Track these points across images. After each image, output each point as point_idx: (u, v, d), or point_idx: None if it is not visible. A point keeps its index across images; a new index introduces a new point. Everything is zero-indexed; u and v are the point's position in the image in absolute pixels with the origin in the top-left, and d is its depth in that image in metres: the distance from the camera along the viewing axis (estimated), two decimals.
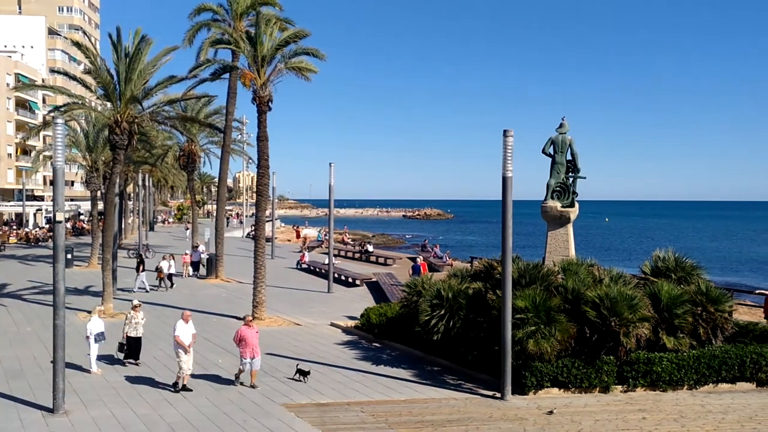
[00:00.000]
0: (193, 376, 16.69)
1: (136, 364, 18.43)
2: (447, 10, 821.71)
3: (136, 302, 19.25)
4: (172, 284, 33.44)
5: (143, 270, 32.73)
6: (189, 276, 38.07)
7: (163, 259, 34.14)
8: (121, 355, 18.63)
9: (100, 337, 17.86)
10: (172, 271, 33.72)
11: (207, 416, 14.25)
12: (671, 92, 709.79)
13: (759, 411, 15.38)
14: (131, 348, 18.58)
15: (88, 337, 17.73)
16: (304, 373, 17.20)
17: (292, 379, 17.25)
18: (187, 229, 70.17)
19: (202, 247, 42.24)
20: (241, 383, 16.71)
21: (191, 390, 16.07)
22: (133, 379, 17.12)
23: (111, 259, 27.25)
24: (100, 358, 18.19)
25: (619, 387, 16.81)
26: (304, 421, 14.06)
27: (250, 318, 17.45)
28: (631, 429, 13.89)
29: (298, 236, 76.97)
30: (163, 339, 21.88)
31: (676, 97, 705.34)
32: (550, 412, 14.83)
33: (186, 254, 40.07)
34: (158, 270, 33.21)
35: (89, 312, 26.12)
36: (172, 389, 16.16)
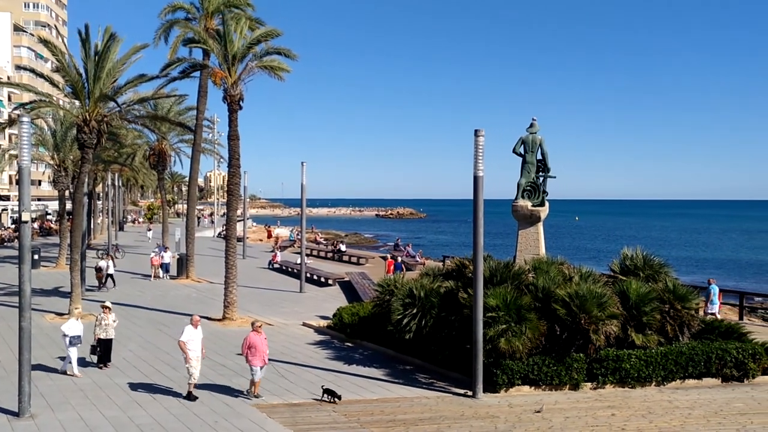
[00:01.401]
0: (162, 375, 16.51)
1: (106, 366, 18.16)
2: (418, 5, 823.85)
3: (107, 303, 18.91)
4: (114, 284, 32.80)
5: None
6: (159, 278, 37.33)
7: (101, 258, 33.64)
8: (94, 358, 18.33)
9: (75, 340, 17.44)
10: (111, 271, 32.77)
11: (177, 417, 14.12)
12: (640, 92, 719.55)
13: (724, 406, 15.67)
14: (103, 350, 18.26)
15: (65, 339, 17.43)
16: (333, 394, 15.46)
17: (320, 400, 15.56)
18: (150, 230, 68.94)
19: (169, 252, 40.21)
20: (246, 394, 15.87)
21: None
22: (101, 381, 16.88)
23: (79, 260, 26.85)
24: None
25: (589, 384, 17.01)
26: (276, 421, 14.01)
27: (259, 324, 16.26)
28: (601, 425, 14.06)
29: (269, 236, 76.38)
30: (133, 340, 21.66)
31: (644, 98, 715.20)
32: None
33: (153, 255, 38.74)
34: (97, 270, 32.44)
35: (57, 314, 25.80)
36: (187, 399, 15.46)
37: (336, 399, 15.31)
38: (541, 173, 22.34)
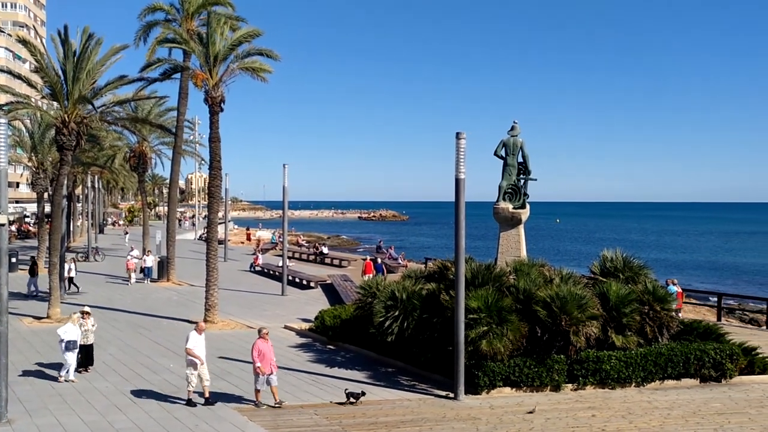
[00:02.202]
0: (142, 379, 16.37)
1: (87, 371, 17.94)
2: (400, 6, 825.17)
3: (86, 308, 18.63)
4: (77, 288, 32.33)
5: (37, 273, 31.71)
6: (135, 282, 36.20)
7: (65, 261, 33.26)
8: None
9: (72, 345, 16.94)
10: (72, 274, 32.21)
11: (158, 421, 14.01)
12: (619, 94, 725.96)
13: (702, 406, 15.85)
14: (83, 356, 17.91)
15: (60, 344, 16.97)
16: (356, 396, 15.51)
17: (342, 404, 15.51)
18: (126, 233, 67.46)
19: (151, 256, 38.46)
20: (262, 403, 15.31)
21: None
22: (81, 386, 16.70)
23: (58, 263, 26.60)
24: (53, 366, 17.72)
25: (570, 385, 17.11)
26: (257, 424, 13.95)
27: (266, 331, 15.83)
28: (581, 426, 14.15)
29: (248, 239, 75.65)
30: (112, 344, 21.47)
31: (623, 100, 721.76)
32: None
33: (129, 259, 37.18)
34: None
35: (35, 317, 25.52)
36: (186, 404, 15.16)
37: (357, 400, 15.34)
38: (522, 176, 22.47)
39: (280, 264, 36.40)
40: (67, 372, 17.07)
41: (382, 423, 14.21)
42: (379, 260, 39.50)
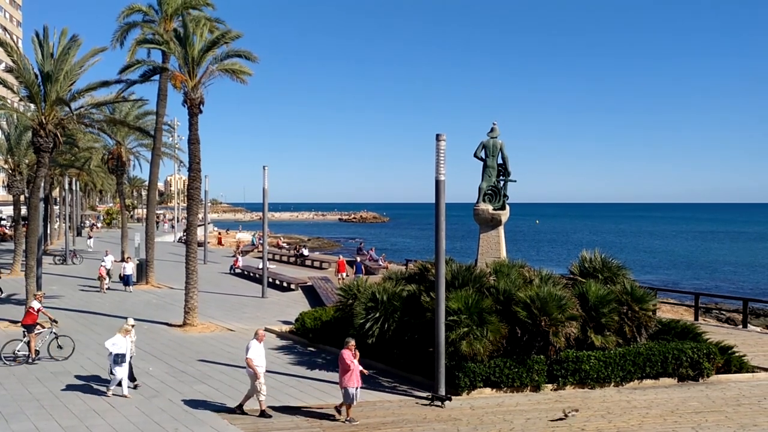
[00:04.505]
0: (120, 384, 16.18)
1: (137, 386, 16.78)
2: (383, 9, 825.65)
3: (131, 321, 17.21)
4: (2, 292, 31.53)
5: None
6: (107, 290, 33.82)
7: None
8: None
9: (120, 359, 15.71)
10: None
11: (137, 426, 13.89)
12: (598, 96, 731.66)
13: (680, 405, 16.02)
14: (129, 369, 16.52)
15: (108, 357, 15.99)
16: (441, 399, 15.41)
17: (430, 404, 15.28)
18: (90, 237, 61.97)
19: (131, 263, 35.57)
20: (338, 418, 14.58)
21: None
22: (58, 390, 16.51)
23: (35, 266, 26.25)
24: (31, 369, 17.47)
25: (550, 385, 17.22)
26: (238, 427, 13.88)
27: (353, 343, 14.82)
28: (561, 426, 14.24)
29: (219, 243, 72.61)
30: (90, 348, 21.25)
31: (603, 101, 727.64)
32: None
33: (102, 266, 34.98)
34: None
35: (11, 321, 25.17)
36: (262, 417, 14.62)
37: (442, 403, 15.05)
38: (501, 177, 22.57)
39: (260, 266, 36.24)
40: (118, 386, 15.92)
41: (363, 424, 14.20)
42: (358, 259, 39.54)
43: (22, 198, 44.34)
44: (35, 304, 20.12)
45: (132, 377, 16.72)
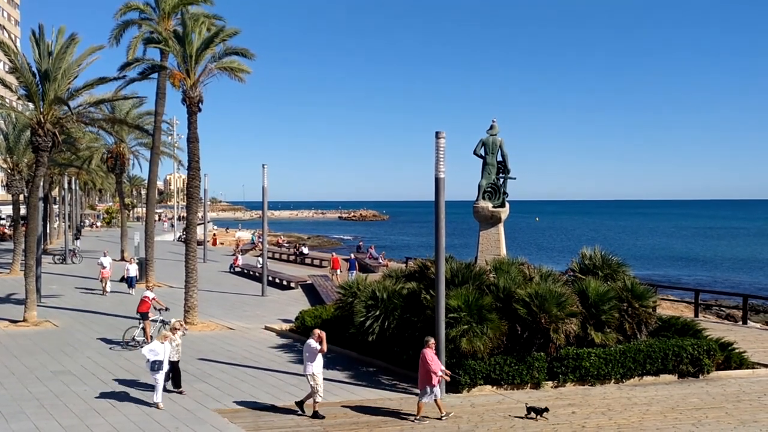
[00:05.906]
0: (121, 382, 16.19)
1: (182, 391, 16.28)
2: (383, 9, 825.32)
3: (175, 322, 16.66)
4: None
5: None
6: (110, 292, 32.74)
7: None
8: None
9: (157, 366, 14.91)
10: None
11: (137, 425, 13.87)
12: (602, 94, 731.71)
13: (680, 401, 16.01)
14: (173, 373, 16.21)
15: (146, 364, 15.22)
16: (538, 411, 14.53)
17: (525, 417, 14.57)
18: (77, 238, 59.50)
19: (134, 265, 34.60)
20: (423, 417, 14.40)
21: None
22: (58, 390, 16.49)
23: (34, 266, 26.25)
24: (30, 369, 17.44)
25: (550, 382, 17.21)
26: (238, 426, 13.86)
27: (433, 341, 14.86)
28: (561, 423, 14.23)
29: (214, 243, 70.41)
30: (90, 347, 21.24)
31: (605, 99, 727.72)
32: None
33: (105, 268, 33.55)
34: None
35: (11, 321, 25.14)
36: (310, 416, 14.49)
37: (540, 415, 14.43)
38: (501, 175, 22.56)
39: (260, 265, 36.22)
40: (155, 393, 15.15)
41: (363, 422, 14.19)
42: (352, 256, 39.57)
43: (21, 197, 44.33)
44: (149, 294, 22.14)
45: (177, 383, 16.20)
